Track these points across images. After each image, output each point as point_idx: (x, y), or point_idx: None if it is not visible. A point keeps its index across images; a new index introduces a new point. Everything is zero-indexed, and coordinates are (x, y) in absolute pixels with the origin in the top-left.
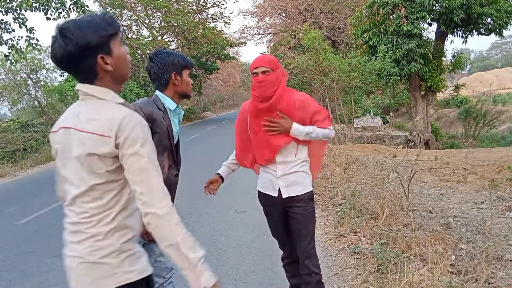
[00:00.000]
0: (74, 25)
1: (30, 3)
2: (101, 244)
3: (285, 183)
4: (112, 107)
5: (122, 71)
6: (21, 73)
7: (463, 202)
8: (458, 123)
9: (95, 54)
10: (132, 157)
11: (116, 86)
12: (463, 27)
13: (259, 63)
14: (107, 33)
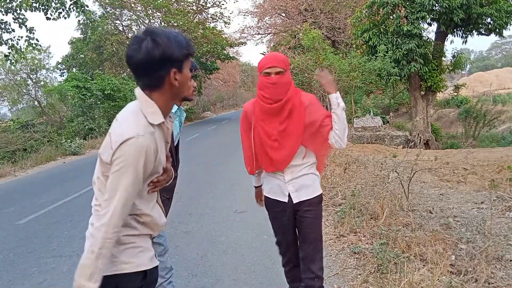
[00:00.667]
0: (165, 34)
1: (30, 3)
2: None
3: (294, 187)
4: (137, 122)
5: (184, 90)
6: (21, 73)
7: (463, 202)
8: (458, 123)
9: (171, 66)
10: (112, 176)
11: (172, 102)
12: (463, 27)
13: (273, 63)
14: (187, 52)
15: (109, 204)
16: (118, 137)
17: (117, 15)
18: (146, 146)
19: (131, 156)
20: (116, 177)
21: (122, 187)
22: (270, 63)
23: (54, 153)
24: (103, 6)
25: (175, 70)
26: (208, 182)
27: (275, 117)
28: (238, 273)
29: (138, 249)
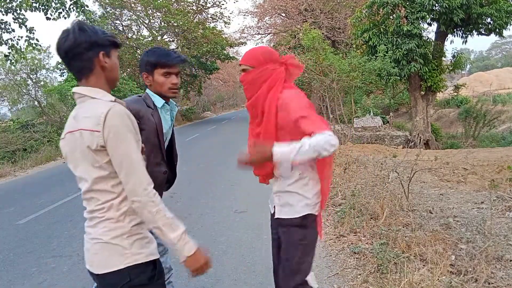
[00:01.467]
0: (90, 25)
1: (30, 3)
2: (113, 225)
3: (279, 201)
4: (101, 103)
5: (114, 75)
6: (21, 73)
7: (463, 202)
8: (458, 123)
9: (98, 49)
10: (116, 150)
11: (107, 87)
12: (463, 27)
13: (241, 60)
14: (112, 39)
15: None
16: (95, 120)
17: (117, 15)
18: (124, 110)
19: (120, 123)
20: (122, 147)
21: (131, 150)
22: (241, 60)
23: (54, 153)
24: (103, 6)
25: (103, 53)
26: (208, 182)
27: (253, 118)
28: (238, 273)
29: (146, 240)
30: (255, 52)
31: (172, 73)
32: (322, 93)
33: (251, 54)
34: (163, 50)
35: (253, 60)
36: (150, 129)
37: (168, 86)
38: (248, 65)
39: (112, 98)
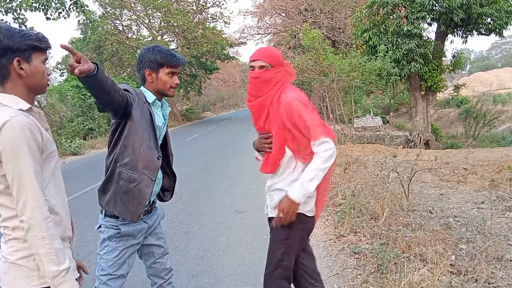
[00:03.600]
0: (7, 27)
1: (30, 3)
2: (20, 246)
3: (271, 201)
4: (3, 111)
5: (36, 81)
6: None
7: (463, 202)
8: (458, 123)
9: (13, 56)
10: (9, 165)
11: (29, 93)
12: (463, 27)
13: (258, 56)
14: (32, 44)
15: (22, 190)
16: None
17: (117, 15)
18: (25, 122)
19: (16, 136)
20: (14, 162)
21: (24, 167)
22: (255, 56)
23: None
24: (103, 6)
25: (19, 59)
26: (208, 182)
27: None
28: (238, 273)
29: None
30: (274, 51)
31: (175, 73)
32: (322, 93)
33: (271, 52)
34: (168, 50)
35: (273, 59)
36: (146, 117)
37: (170, 85)
38: (268, 62)
39: (24, 107)
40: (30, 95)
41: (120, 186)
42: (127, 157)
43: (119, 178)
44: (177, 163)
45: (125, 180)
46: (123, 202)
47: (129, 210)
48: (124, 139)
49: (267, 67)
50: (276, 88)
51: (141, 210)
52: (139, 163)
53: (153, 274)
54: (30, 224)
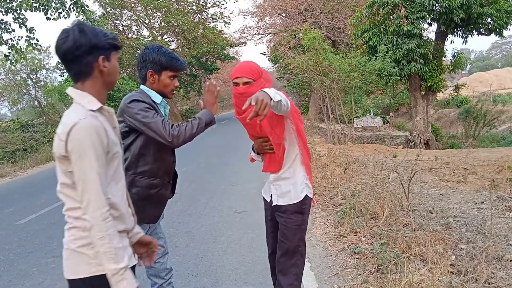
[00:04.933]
0: (91, 26)
1: (30, 3)
2: (80, 234)
3: (276, 190)
4: (77, 112)
5: (113, 78)
6: (21, 73)
7: (463, 202)
8: (458, 123)
9: (99, 53)
10: (75, 166)
11: (104, 90)
12: (463, 27)
13: (241, 73)
14: (113, 43)
15: (86, 190)
16: (63, 129)
17: (117, 15)
18: (92, 125)
19: (83, 138)
20: (79, 164)
21: (89, 169)
22: (238, 73)
23: None
24: (103, 6)
25: (103, 57)
26: (208, 182)
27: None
28: (238, 273)
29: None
30: (254, 66)
31: (176, 76)
32: (322, 93)
33: (251, 67)
34: (172, 53)
35: (254, 74)
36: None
37: (171, 88)
38: (251, 78)
39: (95, 107)
40: (104, 92)
41: (134, 193)
42: (145, 165)
43: (132, 186)
44: (177, 163)
45: (142, 187)
46: (140, 207)
47: (149, 214)
48: (140, 148)
49: (251, 82)
50: None
51: (161, 212)
52: (161, 170)
53: (153, 274)
54: (91, 224)
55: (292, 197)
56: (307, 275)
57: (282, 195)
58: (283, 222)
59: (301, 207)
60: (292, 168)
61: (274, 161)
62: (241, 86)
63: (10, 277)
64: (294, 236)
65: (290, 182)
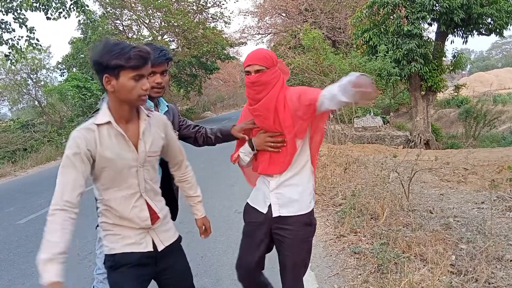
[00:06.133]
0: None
1: (30, 3)
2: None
3: (278, 199)
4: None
5: (123, 96)
6: (22, 73)
7: (463, 202)
8: (459, 123)
9: (104, 72)
10: None
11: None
12: (463, 27)
13: (253, 60)
14: (119, 62)
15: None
16: None
17: (117, 15)
18: (77, 136)
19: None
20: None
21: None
22: (250, 60)
23: (54, 153)
24: (103, 6)
25: (107, 76)
26: (208, 182)
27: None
28: None
29: (116, 236)
30: (267, 53)
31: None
32: None
33: (264, 54)
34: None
35: (268, 61)
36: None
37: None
38: (264, 65)
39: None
40: (124, 107)
41: None
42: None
43: None
44: None
45: None
46: None
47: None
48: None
49: (263, 69)
50: (277, 88)
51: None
52: None
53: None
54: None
55: (301, 207)
56: (307, 275)
57: (286, 204)
58: (289, 235)
59: (309, 218)
60: (301, 175)
61: (277, 161)
62: (253, 75)
63: (11, 276)
64: (302, 249)
65: (297, 190)
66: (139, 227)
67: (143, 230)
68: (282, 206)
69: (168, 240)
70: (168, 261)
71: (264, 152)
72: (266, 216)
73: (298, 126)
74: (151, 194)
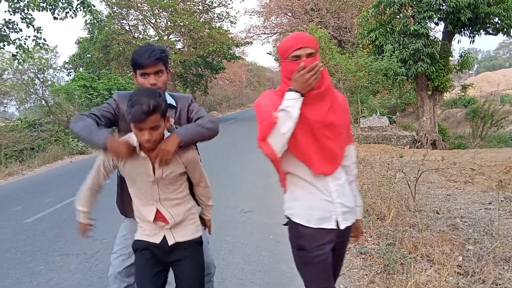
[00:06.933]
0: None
1: (37, 3)
2: None
3: (342, 208)
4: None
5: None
6: (29, 73)
7: (470, 202)
8: (466, 123)
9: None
10: None
11: None
12: (470, 26)
13: (305, 43)
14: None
15: None
16: None
17: (123, 15)
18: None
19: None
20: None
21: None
22: (301, 43)
23: (61, 152)
24: (109, 5)
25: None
26: (213, 182)
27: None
28: (244, 272)
29: (139, 227)
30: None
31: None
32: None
33: (311, 37)
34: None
35: (315, 44)
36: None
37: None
38: (314, 48)
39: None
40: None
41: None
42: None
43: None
44: None
45: None
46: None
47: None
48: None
49: (314, 53)
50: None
51: None
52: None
53: None
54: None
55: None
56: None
57: (348, 211)
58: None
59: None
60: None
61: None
62: (305, 59)
63: (18, 275)
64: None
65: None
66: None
67: (157, 226)
68: (346, 215)
69: (181, 237)
70: (178, 255)
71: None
72: (334, 232)
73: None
74: (166, 202)
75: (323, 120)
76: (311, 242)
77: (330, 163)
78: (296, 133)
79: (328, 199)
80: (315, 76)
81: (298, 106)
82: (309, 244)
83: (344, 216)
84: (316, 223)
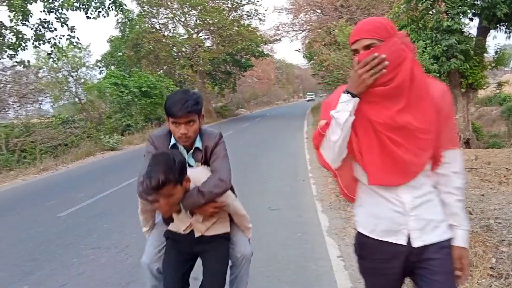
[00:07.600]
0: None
1: (71, 3)
2: None
3: (418, 222)
4: None
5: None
6: (63, 71)
7: (505, 203)
8: (501, 121)
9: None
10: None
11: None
12: (506, 22)
13: (359, 34)
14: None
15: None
16: None
17: (154, 14)
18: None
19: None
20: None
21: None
22: (356, 35)
23: (93, 148)
24: (140, 4)
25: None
26: (240, 179)
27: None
28: (271, 270)
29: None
30: (380, 21)
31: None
32: None
33: (374, 23)
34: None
35: (381, 32)
36: None
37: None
38: (376, 38)
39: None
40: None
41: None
42: None
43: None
44: None
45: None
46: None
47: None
48: None
49: (375, 44)
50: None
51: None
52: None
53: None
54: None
55: (446, 228)
56: (341, 274)
57: (428, 228)
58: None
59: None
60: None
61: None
62: (362, 53)
63: (52, 267)
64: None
65: (436, 206)
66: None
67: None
68: (424, 231)
69: (208, 232)
70: (202, 247)
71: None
72: (404, 249)
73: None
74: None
75: (388, 122)
76: (372, 255)
77: (397, 173)
78: (358, 134)
79: (398, 210)
80: (370, 71)
81: (349, 109)
82: (369, 256)
83: (422, 231)
84: (380, 234)
